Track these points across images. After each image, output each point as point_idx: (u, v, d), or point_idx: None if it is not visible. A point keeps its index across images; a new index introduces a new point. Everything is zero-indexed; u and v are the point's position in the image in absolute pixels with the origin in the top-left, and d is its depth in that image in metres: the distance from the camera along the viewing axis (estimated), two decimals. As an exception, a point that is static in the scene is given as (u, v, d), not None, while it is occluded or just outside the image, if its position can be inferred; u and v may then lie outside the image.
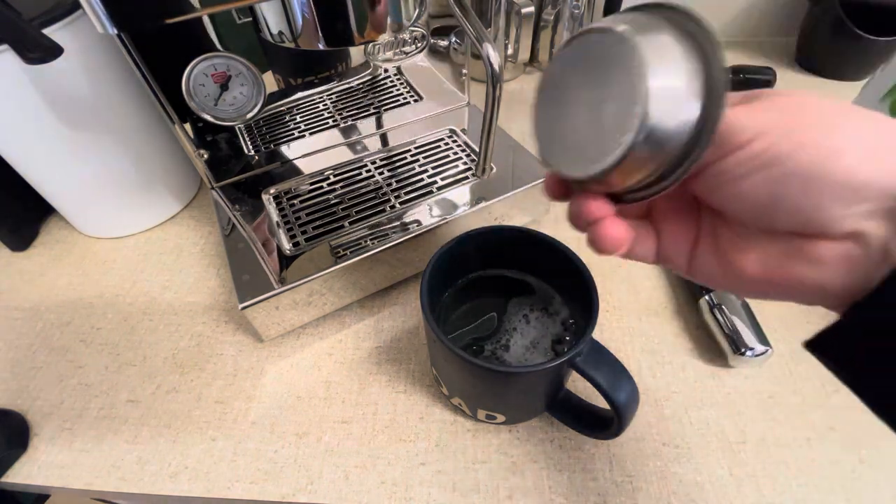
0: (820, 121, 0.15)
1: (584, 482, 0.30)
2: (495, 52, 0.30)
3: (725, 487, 0.29)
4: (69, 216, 0.46)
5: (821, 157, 0.14)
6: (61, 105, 0.36)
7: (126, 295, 0.41)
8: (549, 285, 0.33)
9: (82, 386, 0.36)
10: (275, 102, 0.42)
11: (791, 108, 0.15)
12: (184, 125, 0.37)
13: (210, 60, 0.35)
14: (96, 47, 0.36)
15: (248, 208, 0.40)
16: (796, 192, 0.15)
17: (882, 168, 0.14)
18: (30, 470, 0.32)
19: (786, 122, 0.15)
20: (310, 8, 0.28)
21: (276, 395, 0.34)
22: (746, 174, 0.15)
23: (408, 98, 0.48)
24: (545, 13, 0.60)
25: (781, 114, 0.15)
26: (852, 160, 0.14)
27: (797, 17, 0.64)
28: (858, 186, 0.14)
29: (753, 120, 0.15)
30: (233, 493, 0.30)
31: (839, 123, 0.14)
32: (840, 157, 0.14)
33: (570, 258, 0.29)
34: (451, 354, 0.25)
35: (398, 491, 0.29)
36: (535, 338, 0.30)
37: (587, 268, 0.28)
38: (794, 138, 0.15)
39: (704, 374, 0.34)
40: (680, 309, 0.38)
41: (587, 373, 0.25)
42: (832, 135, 0.14)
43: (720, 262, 0.18)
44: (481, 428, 0.32)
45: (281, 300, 0.33)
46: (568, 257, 0.29)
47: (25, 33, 0.27)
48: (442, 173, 0.43)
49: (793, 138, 0.15)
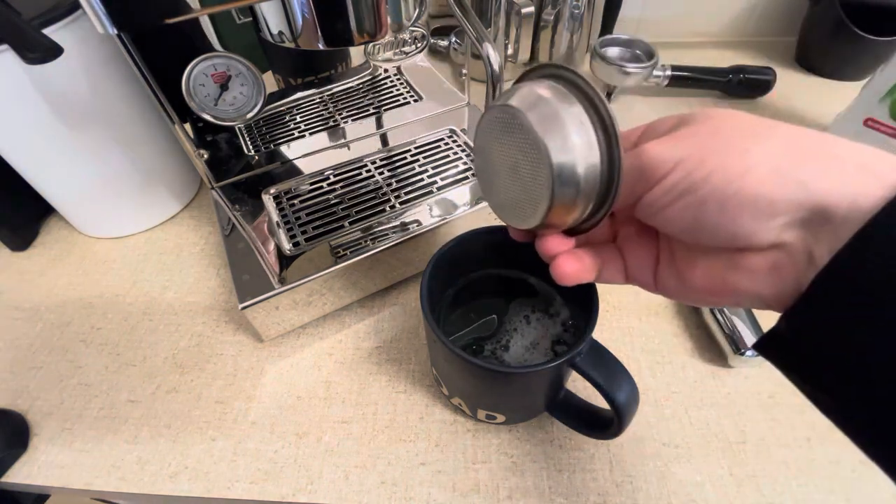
0: (729, 145, 0.16)
1: (584, 482, 0.30)
2: (495, 52, 0.30)
3: (725, 487, 0.29)
4: (69, 216, 0.46)
5: (730, 179, 0.15)
6: (61, 105, 0.36)
7: (126, 295, 0.41)
8: (549, 285, 0.32)
9: (82, 386, 0.36)
10: (275, 102, 0.42)
11: (706, 135, 0.17)
12: (184, 125, 0.37)
13: (210, 60, 0.35)
14: (96, 47, 0.36)
15: (248, 208, 0.40)
16: (714, 213, 0.16)
17: (786, 182, 0.15)
18: (30, 470, 0.32)
19: (699, 150, 0.16)
20: (310, 8, 0.28)
21: (276, 395, 0.34)
22: (670, 202, 0.17)
23: (408, 98, 0.48)
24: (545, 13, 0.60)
25: (696, 141, 0.17)
26: (758, 179, 0.15)
27: (797, 17, 0.63)
28: (768, 202, 0.15)
29: (672, 151, 0.17)
30: (233, 493, 0.30)
31: (747, 146, 0.16)
32: (746, 178, 0.15)
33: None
34: (451, 355, 0.25)
35: (398, 491, 0.29)
36: (535, 338, 0.30)
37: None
38: (707, 165, 0.16)
39: (704, 374, 0.34)
40: (680, 309, 0.38)
41: (587, 373, 0.25)
42: (740, 157, 0.16)
43: (677, 278, 0.20)
44: (481, 428, 0.32)
45: (281, 300, 0.34)
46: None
47: (25, 33, 0.27)
48: (442, 173, 0.43)
49: (705, 165, 0.16)
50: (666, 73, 0.56)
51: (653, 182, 0.17)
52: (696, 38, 0.69)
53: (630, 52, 0.57)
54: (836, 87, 0.60)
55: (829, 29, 0.58)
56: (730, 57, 0.65)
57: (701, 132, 0.17)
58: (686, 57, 0.63)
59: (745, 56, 0.66)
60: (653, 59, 0.54)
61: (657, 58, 0.54)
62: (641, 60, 0.55)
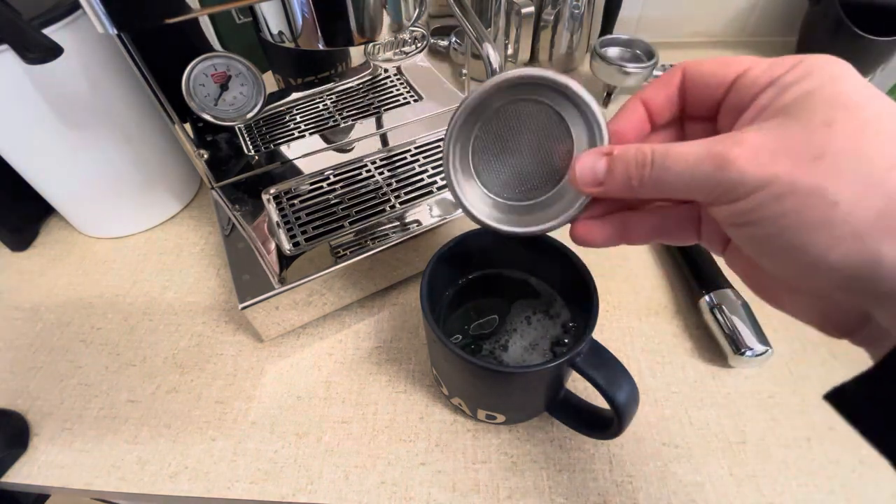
0: (850, 167, 0.13)
1: (584, 482, 0.30)
2: (495, 52, 0.30)
3: (725, 487, 0.29)
4: (69, 216, 0.46)
5: (820, 214, 0.13)
6: (61, 105, 0.36)
7: (126, 295, 0.41)
8: (549, 285, 0.32)
9: (82, 386, 0.36)
10: (275, 102, 0.42)
11: (821, 137, 0.13)
12: (184, 125, 0.37)
13: (210, 60, 0.35)
14: (96, 47, 0.36)
15: (248, 208, 0.40)
16: (794, 258, 0.14)
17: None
18: (30, 470, 0.32)
19: (802, 166, 0.13)
20: (309, 8, 0.28)
21: (276, 395, 0.34)
22: (741, 224, 0.15)
23: (408, 98, 0.48)
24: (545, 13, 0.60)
25: (804, 148, 0.13)
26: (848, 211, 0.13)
27: (797, 17, 0.63)
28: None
29: (767, 168, 0.14)
30: (233, 493, 0.30)
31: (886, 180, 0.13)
32: (869, 238, 0.13)
33: (569, 258, 0.29)
34: (451, 355, 0.25)
35: (398, 491, 0.29)
36: (535, 339, 0.30)
37: (587, 267, 0.28)
38: (801, 193, 0.13)
39: (704, 374, 0.34)
40: (680, 309, 0.38)
41: (587, 373, 0.25)
42: (869, 199, 0.13)
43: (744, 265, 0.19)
44: (481, 428, 0.32)
45: (281, 300, 0.33)
46: (567, 257, 0.29)
47: (25, 33, 0.27)
48: (442, 173, 0.43)
49: (802, 194, 0.13)
50: (666, 73, 0.56)
51: (728, 200, 0.15)
52: (696, 38, 0.69)
53: (630, 52, 0.57)
54: (836, 87, 0.60)
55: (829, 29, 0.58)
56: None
57: (813, 125, 0.13)
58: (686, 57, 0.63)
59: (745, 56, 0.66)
60: (653, 59, 0.54)
61: (657, 58, 0.54)
62: (641, 60, 0.55)
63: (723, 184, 0.14)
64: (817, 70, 0.14)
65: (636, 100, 0.20)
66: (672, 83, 0.19)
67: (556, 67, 0.65)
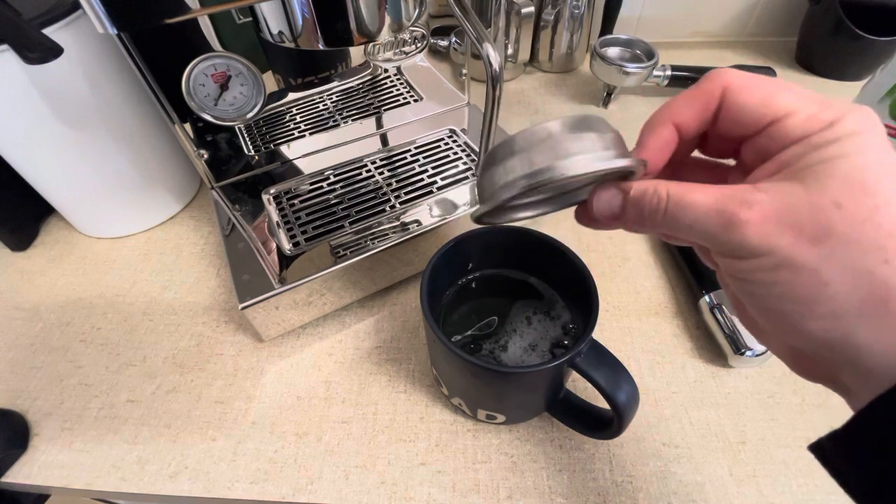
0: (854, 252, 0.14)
1: (584, 482, 0.30)
2: (495, 52, 0.30)
3: (725, 487, 0.29)
4: (69, 216, 0.46)
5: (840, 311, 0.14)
6: (61, 105, 0.36)
7: (126, 295, 0.41)
8: (549, 285, 0.32)
9: (82, 386, 0.36)
10: (275, 102, 0.42)
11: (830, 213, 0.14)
12: (184, 125, 0.37)
13: (210, 60, 0.35)
14: (96, 47, 0.36)
15: (248, 208, 0.40)
16: (790, 322, 0.15)
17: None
18: (30, 470, 0.32)
19: (804, 243, 0.14)
20: (309, 8, 0.28)
21: (276, 395, 0.34)
22: (741, 280, 0.16)
23: (408, 98, 0.48)
24: (545, 13, 0.60)
25: (810, 221, 0.14)
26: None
27: (797, 16, 0.63)
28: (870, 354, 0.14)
29: (772, 240, 0.14)
30: (233, 493, 0.30)
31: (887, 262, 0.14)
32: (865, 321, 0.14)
33: (569, 258, 0.29)
34: (451, 355, 0.25)
35: (398, 491, 0.29)
36: (534, 340, 0.30)
37: (587, 267, 0.28)
38: (803, 265, 0.14)
39: (704, 374, 0.34)
40: (680, 309, 0.38)
41: (587, 373, 0.25)
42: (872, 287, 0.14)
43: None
44: (481, 428, 0.32)
45: (281, 300, 0.33)
46: (568, 257, 0.29)
47: (25, 33, 0.27)
48: (442, 173, 0.43)
49: (800, 265, 0.14)
50: (666, 73, 0.56)
51: (730, 256, 0.16)
52: (696, 38, 0.69)
53: (630, 52, 0.57)
54: (835, 87, 0.60)
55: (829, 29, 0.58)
56: (730, 57, 0.65)
57: (823, 202, 0.14)
58: (686, 57, 0.63)
59: (745, 56, 0.66)
60: (653, 59, 0.54)
61: (657, 58, 0.54)
62: (641, 60, 0.55)
63: (727, 243, 0.15)
64: (847, 137, 0.14)
65: (667, 123, 0.19)
66: (709, 108, 0.18)
67: (556, 67, 0.65)
